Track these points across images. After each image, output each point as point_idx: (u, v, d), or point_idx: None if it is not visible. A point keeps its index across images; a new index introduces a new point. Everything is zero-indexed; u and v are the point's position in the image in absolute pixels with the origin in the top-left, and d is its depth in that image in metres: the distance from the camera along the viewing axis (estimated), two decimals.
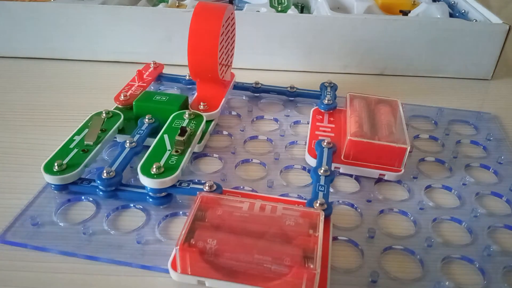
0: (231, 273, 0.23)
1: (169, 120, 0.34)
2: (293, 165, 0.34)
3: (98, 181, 0.29)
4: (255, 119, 0.40)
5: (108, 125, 0.34)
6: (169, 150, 0.31)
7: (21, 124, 0.38)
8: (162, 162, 0.29)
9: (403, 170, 0.32)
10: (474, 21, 0.49)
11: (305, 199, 0.30)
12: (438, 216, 0.30)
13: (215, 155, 0.35)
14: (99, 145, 0.32)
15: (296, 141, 0.37)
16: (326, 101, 0.38)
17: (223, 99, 0.38)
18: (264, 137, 0.37)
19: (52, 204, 0.29)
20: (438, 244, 0.28)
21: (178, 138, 0.30)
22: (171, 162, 0.29)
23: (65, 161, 0.30)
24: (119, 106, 0.37)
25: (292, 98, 0.42)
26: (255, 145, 0.36)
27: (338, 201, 0.31)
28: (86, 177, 0.31)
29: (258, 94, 0.43)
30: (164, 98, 0.36)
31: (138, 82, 0.41)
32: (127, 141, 0.32)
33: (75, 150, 0.31)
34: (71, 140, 0.32)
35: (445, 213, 0.30)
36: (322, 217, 0.25)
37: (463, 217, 0.30)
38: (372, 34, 0.46)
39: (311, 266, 0.22)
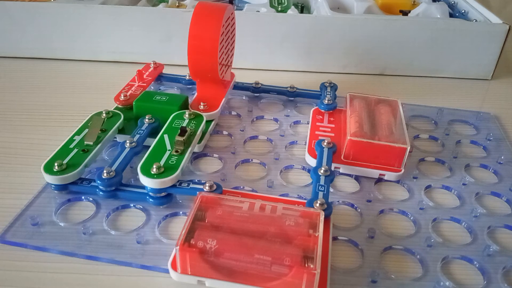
0: (231, 273, 0.23)
1: (169, 120, 0.34)
2: (293, 165, 0.34)
3: (98, 181, 0.29)
4: (255, 119, 0.40)
5: (108, 125, 0.34)
6: (169, 150, 0.31)
7: (21, 124, 0.38)
8: (162, 162, 0.29)
9: (403, 170, 0.32)
10: (474, 21, 0.49)
11: (305, 199, 0.30)
12: (438, 216, 0.30)
13: (215, 155, 0.35)
14: (99, 145, 0.32)
15: (296, 141, 0.37)
16: (326, 101, 0.38)
17: (223, 99, 0.38)
18: (264, 137, 0.37)
19: (52, 204, 0.29)
20: (438, 244, 0.28)
21: (178, 138, 0.31)
22: (171, 162, 0.29)
23: (65, 161, 0.30)
24: (119, 106, 0.37)
25: (292, 98, 0.42)
26: (255, 145, 0.36)
27: (338, 201, 0.31)
28: (86, 177, 0.31)
29: (258, 94, 0.43)
30: (164, 98, 0.36)
31: (138, 82, 0.41)
32: (127, 141, 0.32)
33: (75, 150, 0.31)
34: (71, 140, 0.32)
35: (445, 213, 0.30)
36: (322, 217, 0.25)
37: (463, 217, 0.30)
38: (372, 34, 0.46)
39: (311, 266, 0.22)
